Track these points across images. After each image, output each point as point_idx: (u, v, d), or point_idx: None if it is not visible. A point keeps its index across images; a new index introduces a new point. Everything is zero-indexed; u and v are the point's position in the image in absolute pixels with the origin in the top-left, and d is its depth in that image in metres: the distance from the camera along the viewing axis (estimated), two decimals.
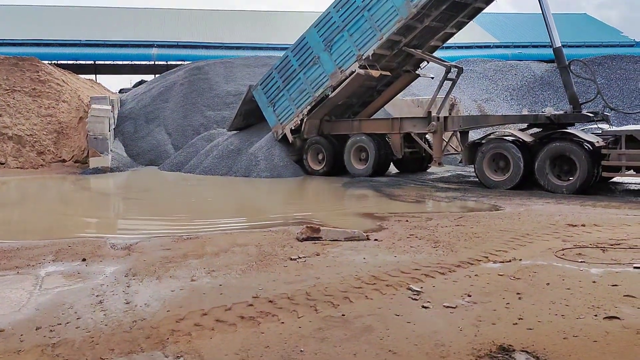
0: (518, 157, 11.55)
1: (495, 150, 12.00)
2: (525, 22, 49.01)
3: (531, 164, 11.45)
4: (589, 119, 12.07)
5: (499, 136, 12.39)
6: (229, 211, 10.65)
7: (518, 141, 11.79)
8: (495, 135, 12.67)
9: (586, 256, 5.74)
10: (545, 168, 11.19)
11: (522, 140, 11.70)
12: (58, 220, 9.65)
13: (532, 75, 25.33)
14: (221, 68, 23.81)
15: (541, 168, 11.23)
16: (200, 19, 50.59)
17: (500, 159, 12.01)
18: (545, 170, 11.19)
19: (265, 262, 5.76)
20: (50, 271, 5.62)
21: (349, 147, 14.76)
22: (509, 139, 11.99)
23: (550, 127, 12.10)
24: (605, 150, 10.69)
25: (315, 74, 14.74)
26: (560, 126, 12.03)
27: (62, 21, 46.55)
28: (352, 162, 14.73)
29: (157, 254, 6.24)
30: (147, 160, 19.22)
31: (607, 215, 8.37)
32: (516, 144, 11.73)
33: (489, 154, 12.07)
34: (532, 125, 12.89)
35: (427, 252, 6.13)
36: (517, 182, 11.59)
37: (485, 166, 12.12)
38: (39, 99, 19.50)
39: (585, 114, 12.00)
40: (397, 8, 13.00)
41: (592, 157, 10.71)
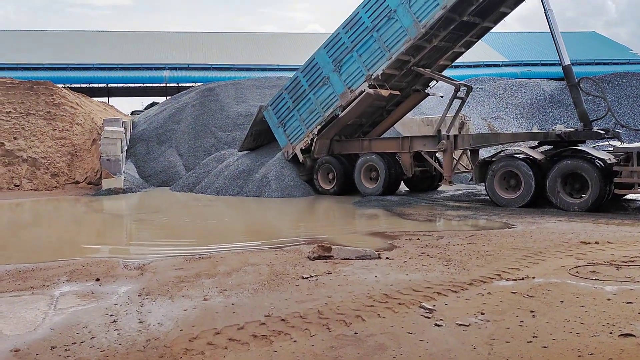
0: (529, 175, 11.49)
1: (506, 168, 11.95)
2: (534, 41, 49.16)
3: (542, 181, 11.39)
4: (600, 136, 12.00)
5: (510, 154, 12.36)
6: (240, 231, 10.69)
7: (529, 159, 11.74)
8: (506, 153, 12.65)
9: (600, 274, 5.70)
10: (556, 186, 11.12)
11: (533, 158, 11.66)
12: (72, 241, 9.73)
13: (542, 93, 25.32)
14: (232, 89, 24.05)
15: (553, 186, 11.17)
16: (211, 41, 51.23)
17: (512, 177, 11.95)
18: (557, 188, 11.12)
19: (277, 281, 5.78)
20: (65, 291, 5.67)
21: (359, 167, 14.77)
22: (519, 156, 11.96)
23: (561, 145, 12.06)
24: (618, 167, 10.60)
25: (325, 94, 14.85)
26: (571, 144, 11.97)
27: (75, 46, 47.34)
28: (362, 181, 14.72)
29: (170, 274, 6.27)
30: (159, 181, 19.36)
31: (621, 233, 8.31)
32: (527, 161, 11.69)
33: (500, 172, 12.02)
34: (543, 143, 12.84)
35: (439, 270, 6.11)
36: (529, 200, 11.53)
37: (496, 184, 12.06)
38: (53, 122, 19.78)
39: (596, 131, 11.94)
40: (405, 28, 13.13)
41: (604, 174, 10.63)
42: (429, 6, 12.73)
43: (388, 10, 13.43)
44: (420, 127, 18.94)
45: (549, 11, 12.38)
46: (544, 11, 12.45)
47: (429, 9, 12.73)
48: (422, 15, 12.86)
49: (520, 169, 11.67)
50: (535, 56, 47.01)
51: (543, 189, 11.42)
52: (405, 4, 13.08)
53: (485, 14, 13.57)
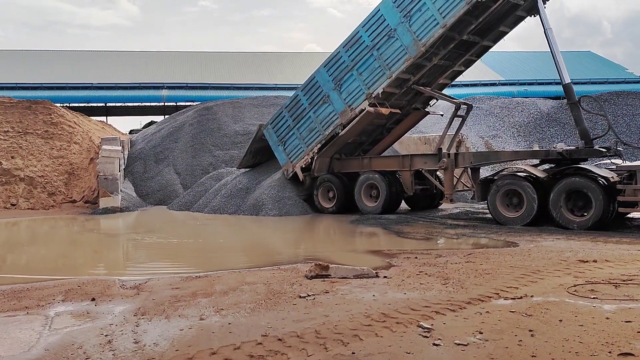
0: (531, 193, 11.42)
1: (508, 187, 11.87)
2: (531, 60, 49.58)
3: (545, 200, 11.30)
4: (601, 154, 11.95)
5: (512, 172, 12.30)
6: (237, 250, 10.64)
7: (531, 177, 11.69)
8: (508, 171, 12.59)
9: (599, 292, 5.67)
10: (559, 204, 11.02)
11: (536, 176, 11.60)
12: (68, 261, 9.68)
13: (539, 112, 25.48)
14: (229, 108, 24.15)
15: (555, 204, 11.06)
16: (209, 61, 51.55)
17: (514, 195, 11.87)
18: (560, 206, 11.01)
19: (274, 300, 5.74)
20: (60, 311, 5.62)
21: (359, 185, 14.73)
22: (522, 175, 11.86)
23: (563, 163, 12.00)
24: (621, 185, 10.49)
25: (325, 113, 14.88)
26: (572, 162, 11.92)
27: (74, 65, 47.60)
28: (363, 200, 14.67)
29: (166, 293, 6.23)
30: (157, 199, 19.33)
31: (619, 251, 8.29)
32: (529, 180, 11.62)
33: (502, 190, 11.93)
34: (544, 161, 12.79)
35: (437, 289, 6.07)
36: (531, 218, 11.44)
37: (498, 203, 11.98)
38: (50, 141, 19.80)
39: (598, 149, 11.89)
40: (405, 47, 13.22)
41: (607, 192, 10.53)
42: (428, 25, 12.84)
43: (388, 29, 13.53)
44: (417, 146, 19.02)
45: (549, 30, 12.40)
46: (544, 30, 12.47)
47: (429, 27, 12.83)
48: (422, 34, 12.96)
49: (522, 188, 11.59)
50: (532, 75, 47.35)
51: (545, 207, 11.30)
52: (405, 23, 13.19)
53: (485, 33, 13.68)
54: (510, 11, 13.16)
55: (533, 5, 12.88)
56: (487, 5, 12.48)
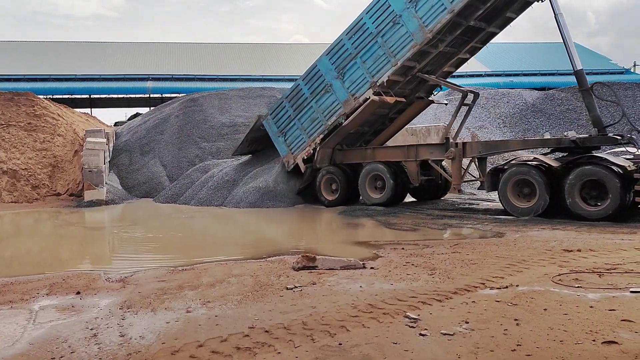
0: (544, 183, 11.06)
1: (519, 176, 11.46)
2: (516, 51, 49.77)
3: (558, 190, 10.95)
4: (615, 142, 11.59)
5: (523, 161, 11.85)
6: (224, 242, 10.61)
7: (543, 166, 11.31)
8: (519, 160, 12.16)
9: (583, 281, 5.73)
10: (574, 194, 10.64)
11: (548, 165, 11.21)
12: (52, 254, 9.60)
13: (524, 103, 25.60)
14: (216, 100, 23.99)
15: (570, 194, 10.67)
16: (195, 52, 51.10)
17: (525, 185, 11.47)
18: (575, 196, 10.64)
19: (261, 292, 5.73)
20: (44, 305, 5.57)
21: (364, 176, 14.34)
22: (533, 164, 11.47)
23: (576, 151, 11.64)
24: (638, 174, 10.17)
25: (328, 102, 14.55)
26: (585, 150, 11.57)
27: (58, 56, 46.94)
28: (367, 192, 14.29)
29: (152, 286, 6.19)
30: (143, 192, 19.19)
31: (603, 240, 8.38)
32: (541, 169, 11.25)
33: (513, 180, 11.54)
34: (555, 149, 12.46)
35: (423, 279, 6.10)
36: (544, 209, 11.09)
37: (509, 193, 11.59)
38: (34, 133, 19.55)
39: (612, 137, 11.54)
40: (411, 33, 12.90)
41: (623, 182, 10.18)
42: (435, 10, 12.51)
43: (393, 15, 13.16)
44: (405, 137, 18.94)
45: (559, 15, 11.99)
46: (554, 15, 12.07)
47: (436, 13, 12.51)
48: (429, 19, 12.63)
49: (534, 177, 11.20)
50: (517, 66, 47.53)
51: (558, 197, 10.96)
52: (410, 9, 12.85)
53: (491, 19, 13.44)
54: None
55: None
56: None
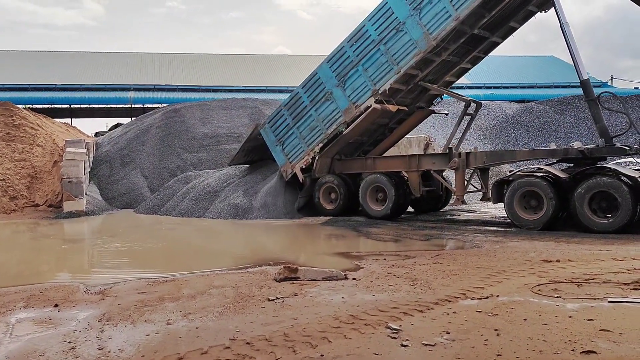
0: (552, 194, 10.88)
1: (526, 188, 11.25)
2: (496, 64, 50.39)
3: (566, 201, 10.83)
4: (624, 153, 11.49)
5: (530, 172, 11.70)
6: (205, 253, 10.54)
7: (550, 177, 11.16)
8: (525, 171, 12.00)
9: (562, 291, 5.80)
10: (583, 206, 10.47)
11: (555, 176, 11.08)
12: (30, 266, 9.44)
13: (504, 115, 25.95)
14: (198, 111, 23.92)
15: (579, 206, 10.50)
16: (177, 62, 50.96)
17: (532, 196, 11.27)
18: (584, 208, 10.47)
19: (242, 304, 5.70)
20: (21, 318, 5.47)
21: (365, 187, 14.08)
22: (540, 175, 11.30)
23: (583, 162, 11.54)
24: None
25: (328, 111, 14.35)
26: (592, 161, 11.47)
27: (37, 66, 46.45)
28: (369, 203, 14.04)
29: (132, 298, 6.12)
30: (123, 203, 19.01)
31: (581, 251, 8.49)
32: (548, 180, 11.09)
33: (520, 191, 11.32)
34: (562, 160, 12.38)
35: (405, 290, 6.12)
36: (552, 221, 10.95)
37: (516, 204, 11.37)
38: (12, 144, 19.28)
39: (620, 147, 11.40)
40: (415, 41, 12.79)
41: (634, 193, 10.07)
42: (440, 18, 12.41)
43: (397, 22, 13.04)
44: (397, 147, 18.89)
45: (565, 25, 11.86)
46: (560, 25, 11.95)
47: (441, 20, 12.41)
48: (433, 27, 12.53)
49: (542, 189, 11.01)
50: (497, 79, 48.24)
51: (566, 209, 10.87)
52: (415, 16, 12.74)
53: (495, 28, 13.47)
54: (522, 5, 12.93)
55: (545, 0, 12.55)
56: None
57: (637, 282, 6.05)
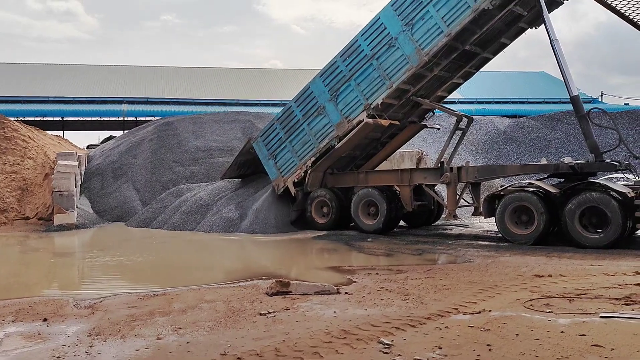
0: (543, 209, 10.91)
1: (517, 203, 11.28)
2: (487, 79, 50.76)
3: (556, 216, 10.84)
4: (614, 168, 11.59)
5: (521, 187, 11.70)
6: (197, 267, 10.47)
7: (540, 192, 11.20)
8: (516, 186, 11.99)
9: (553, 306, 5.80)
10: (574, 221, 10.49)
11: (546, 191, 11.13)
12: (19, 280, 9.35)
13: (495, 130, 26.11)
14: (190, 124, 23.90)
15: (570, 221, 10.52)
16: (170, 75, 50.99)
17: (523, 211, 11.30)
18: (574, 223, 10.49)
19: (233, 318, 5.66)
20: (10, 332, 5.41)
21: (357, 201, 14.07)
22: (531, 189, 11.35)
23: (573, 177, 11.59)
24: (639, 201, 10.09)
25: (320, 125, 14.38)
26: (583, 176, 11.51)
27: (30, 78, 46.35)
28: (361, 217, 14.02)
29: (122, 312, 6.07)
30: (114, 216, 18.90)
31: (572, 266, 8.51)
32: (539, 195, 11.13)
33: (512, 206, 11.34)
34: (553, 175, 12.45)
35: (397, 305, 6.11)
36: (543, 235, 10.96)
37: (507, 219, 11.37)
38: (3, 156, 19.17)
39: (611, 163, 11.50)
40: (407, 56, 12.90)
41: (624, 208, 10.10)
42: (432, 34, 12.54)
43: (389, 38, 13.15)
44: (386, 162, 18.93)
45: (555, 41, 11.92)
46: (550, 41, 12.02)
47: (433, 36, 12.54)
48: (425, 43, 12.64)
49: (533, 204, 11.03)
50: (489, 94, 48.56)
51: (557, 224, 10.90)
52: (407, 32, 12.85)
53: (486, 45, 13.62)
54: (513, 22, 13.11)
55: (536, 17, 12.77)
56: (492, 14, 12.30)
57: (629, 298, 6.07)
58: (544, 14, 12.00)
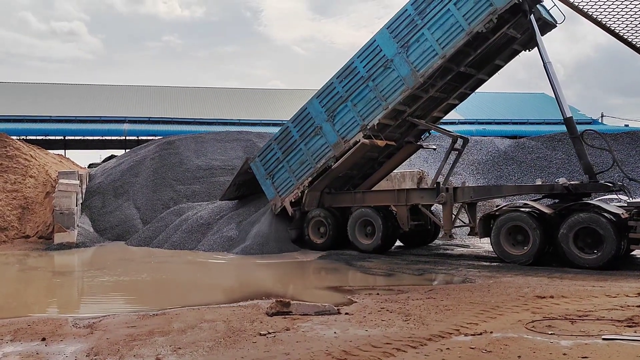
0: (537, 230, 11.00)
1: (512, 223, 11.39)
2: (488, 100, 51.13)
3: (551, 237, 10.91)
4: (608, 189, 11.63)
5: (516, 207, 11.78)
6: (197, 287, 10.42)
7: (535, 213, 11.28)
8: (511, 206, 12.03)
9: (556, 328, 5.76)
10: (568, 242, 10.57)
11: (540, 212, 11.23)
12: (18, 299, 9.30)
13: (496, 150, 26.14)
14: (192, 143, 23.98)
15: (564, 242, 10.61)
16: (172, 95, 51.32)
17: (518, 232, 11.40)
18: (569, 244, 10.57)
19: (233, 339, 5.62)
20: (8, 352, 5.37)
21: (353, 221, 14.18)
22: (526, 210, 11.42)
23: (568, 198, 11.62)
24: (632, 222, 10.19)
25: (317, 145, 14.49)
26: (577, 197, 11.56)
27: (32, 98, 46.67)
28: (357, 237, 14.10)
29: (121, 332, 6.03)
30: (115, 235, 18.85)
31: (574, 287, 8.47)
32: (534, 215, 11.22)
33: (507, 226, 11.47)
34: (548, 196, 12.48)
35: (398, 325, 6.06)
36: (537, 256, 11.04)
37: (502, 240, 11.49)
38: (5, 175, 19.21)
39: (604, 184, 11.56)
40: (403, 78, 13.04)
41: (618, 229, 10.13)
42: (427, 56, 12.69)
43: (384, 59, 13.30)
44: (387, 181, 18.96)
45: (548, 64, 12.09)
46: (543, 64, 12.16)
47: (428, 58, 12.69)
48: (421, 64, 12.79)
49: (528, 224, 11.14)
50: (489, 115, 48.82)
51: (551, 244, 10.96)
52: (402, 54, 13.01)
53: (481, 66, 13.77)
54: (507, 44, 13.27)
55: (529, 39, 12.92)
56: (486, 37, 12.48)
57: (631, 319, 6.03)
58: (536, 37, 12.17)
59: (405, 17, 13.14)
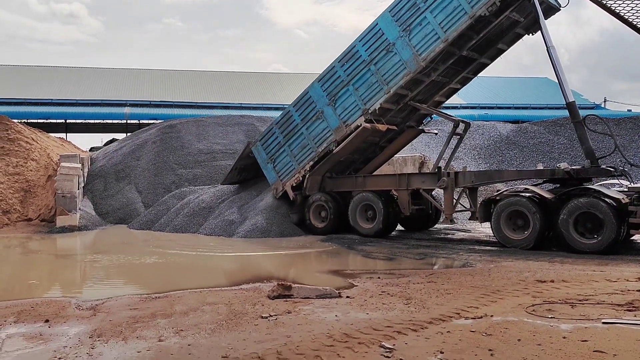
0: (538, 214, 11.02)
1: (513, 208, 11.41)
2: (490, 85, 50.91)
3: (551, 222, 10.93)
4: (609, 174, 11.61)
5: (516, 192, 11.74)
6: (198, 270, 10.47)
7: (536, 197, 11.28)
8: (512, 191, 11.99)
9: (556, 312, 5.79)
10: (568, 226, 10.59)
11: (541, 197, 11.22)
12: (21, 281, 9.36)
13: (498, 135, 26.09)
14: (193, 127, 23.96)
15: (565, 227, 10.63)
16: (173, 79, 51.16)
17: (518, 216, 11.43)
18: (569, 228, 10.59)
19: (235, 321, 5.66)
20: (11, 333, 5.41)
21: (354, 205, 14.23)
22: (526, 195, 11.42)
23: (569, 183, 11.64)
24: (632, 207, 10.22)
25: (319, 129, 14.47)
26: (578, 182, 11.59)
27: (33, 81, 46.52)
28: (358, 221, 14.17)
29: (124, 314, 6.07)
30: (117, 218, 18.92)
31: (575, 272, 8.49)
32: (534, 200, 11.22)
33: (507, 211, 11.49)
34: (549, 180, 12.48)
35: (399, 309, 6.10)
36: (538, 241, 11.07)
37: (502, 224, 11.53)
38: (7, 158, 19.22)
39: (606, 169, 11.53)
40: (405, 62, 12.97)
41: (618, 214, 10.16)
42: (429, 39, 12.61)
43: (386, 43, 13.22)
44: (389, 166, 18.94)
45: (552, 48, 12.01)
46: (546, 48, 12.09)
47: (430, 42, 12.61)
48: (423, 48, 12.71)
49: (528, 209, 11.15)
50: (492, 100, 48.64)
51: (552, 229, 10.96)
52: (404, 38, 12.93)
53: (484, 50, 13.69)
54: (510, 28, 13.16)
55: (532, 23, 12.83)
56: (489, 20, 12.38)
57: (631, 304, 6.05)
58: (540, 21, 12.04)
59: (407, 0, 13.01)
